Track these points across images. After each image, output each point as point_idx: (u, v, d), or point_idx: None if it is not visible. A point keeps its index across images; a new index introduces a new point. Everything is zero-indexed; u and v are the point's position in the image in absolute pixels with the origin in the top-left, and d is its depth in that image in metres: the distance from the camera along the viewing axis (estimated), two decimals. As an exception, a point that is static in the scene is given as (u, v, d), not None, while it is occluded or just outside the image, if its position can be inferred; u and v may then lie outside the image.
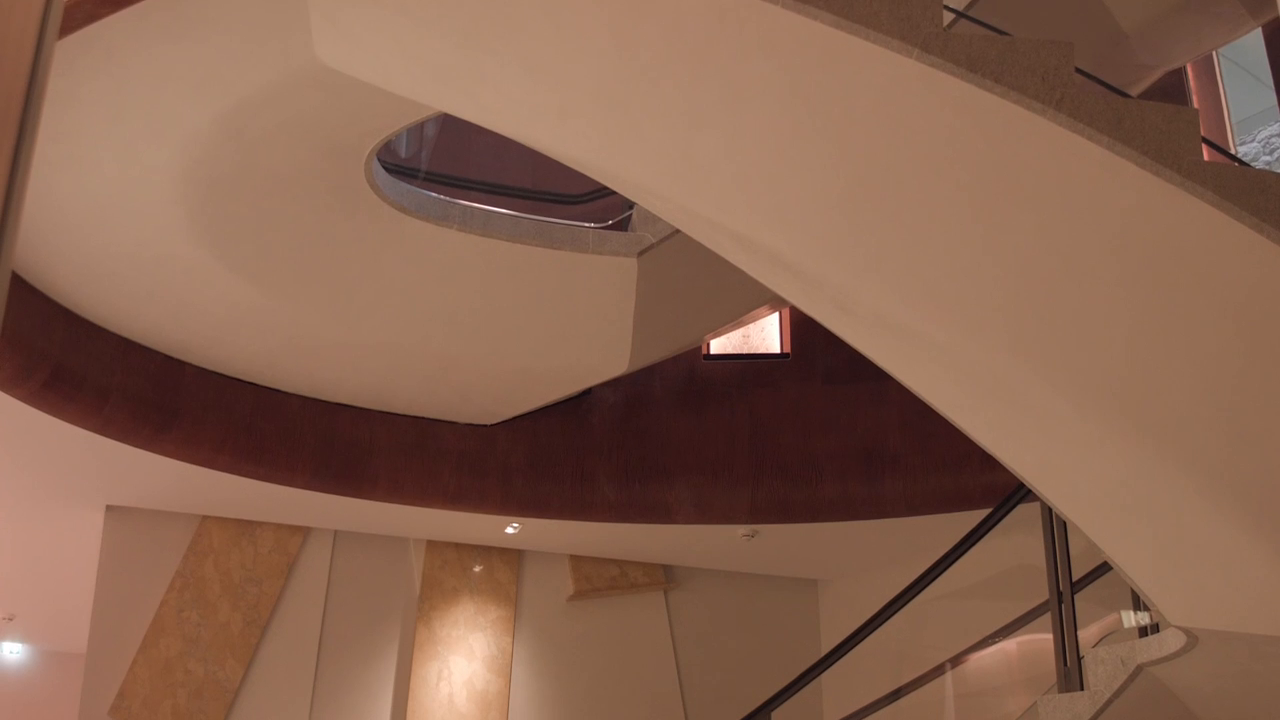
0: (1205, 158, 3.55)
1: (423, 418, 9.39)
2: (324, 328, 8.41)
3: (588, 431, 9.64)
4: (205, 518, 9.72)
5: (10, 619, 12.10)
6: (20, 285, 7.87)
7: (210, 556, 9.66)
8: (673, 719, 10.32)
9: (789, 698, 7.27)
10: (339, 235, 7.69)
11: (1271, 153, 9.52)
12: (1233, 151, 9.53)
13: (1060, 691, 6.23)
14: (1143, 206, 3.57)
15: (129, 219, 7.26)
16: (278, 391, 9.03)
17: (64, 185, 6.96)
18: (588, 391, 9.64)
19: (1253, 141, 9.82)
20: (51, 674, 12.79)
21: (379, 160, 7.42)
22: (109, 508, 9.59)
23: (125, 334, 8.44)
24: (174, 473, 8.93)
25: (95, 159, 6.74)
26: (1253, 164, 9.47)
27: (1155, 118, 3.50)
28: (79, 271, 7.81)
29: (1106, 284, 3.85)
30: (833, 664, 7.32)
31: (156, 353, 8.62)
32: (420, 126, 8.68)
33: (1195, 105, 9.41)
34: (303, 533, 9.93)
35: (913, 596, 7.07)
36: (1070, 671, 6.23)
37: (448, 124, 8.75)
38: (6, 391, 7.87)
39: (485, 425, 9.48)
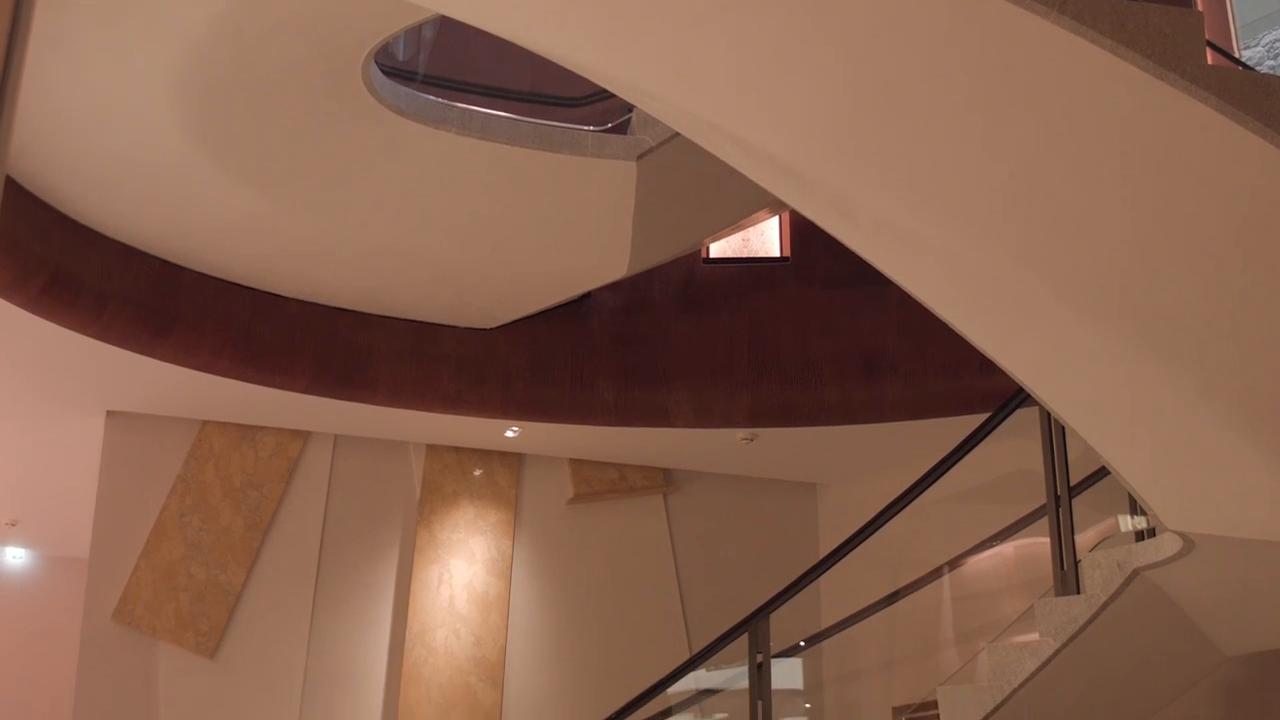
0: (1209, 62, 3.52)
1: (422, 322, 9.38)
2: (322, 232, 8.39)
3: (587, 335, 9.64)
4: (205, 422, 9.74)
5: (13, 525, 12.15)
6: (16, 191, 7.83)
7: (211, 461, 9.69)
8: (671, 621, 10.40)
9: (787, 600, 7.31)
10: (336, 138, 7.65)
11: (1276, 57, 9.45)
12: (1237, 56, 9.46)
13: (1057, 595, 6.27)
14: (1146, 111, 3.55)
15: (126, 123, 7.22)
16: (276, 296, 9.02)
17: (60, 89, 6.91)
18: (587, 296, 9.63)
19: (1257, 45, 9.74)
20: (55, 579, 12.87)
21: (376, 63, 7.36)
22: (109, 413, 9.61)
23: (123, 239, 8.42)
24: (173, 378, 8.93)
25: (91, 62, 6.69)
26: (1257, 68, 9.40)
27: (1159, 21, 3.46)
28: (76, 176, 7.78)
29: (1108, 188, 3.83)
30: (831, 567, 7.36)
31: (154, 258, 8.59)
32: (418, 29, 8.59)
33: (1200, 9, 9.32)
34: (303, 437, 9.95)
35: (911, 500, 7.10)
36: (1067, 575, 6.26)
37: (446, 26, 8.67)
38: (4, 298, 7.85)
39: (485, 329, 9.48)
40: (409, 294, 9.12)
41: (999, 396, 7.00)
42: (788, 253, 10.05)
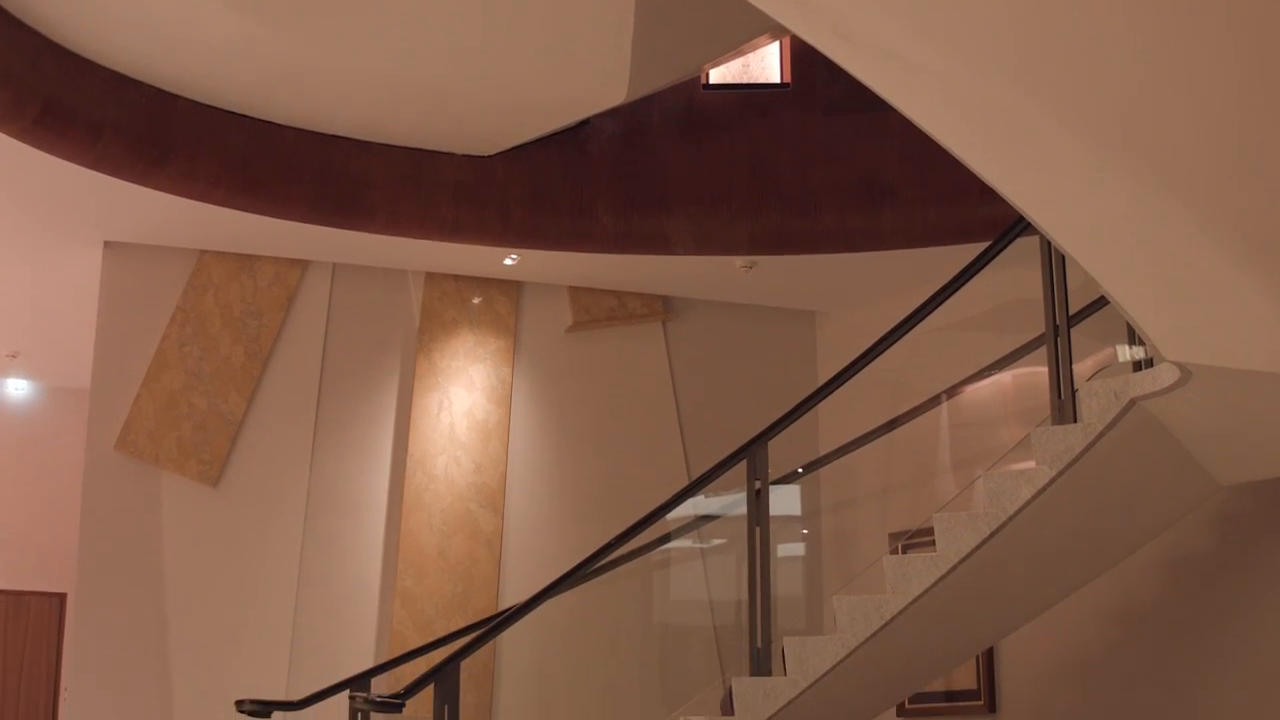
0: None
1: (420, 149, 9.30)
2: (318, 57, 8.29)
3: (586, 162, 9.56)
4: (203, 252, 9.70)
5: (14, 356, 12.16)
6: (6, 19, 7.73)
7: (210, 291, 9.67)
8: (670, 448, 10.46)
9: (785, 427, 7.34)
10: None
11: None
12: None
13: (1054, 424, 6.30)
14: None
15: (113, -53, 7.09)
16: (273, 124, 8.93)
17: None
18: (586, 122, 9.53)
19: None
20: (57, 410, 12.90)
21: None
22: (107, 244, 9.56)
23: (117, 68, 8.32)
24: (170, 207, 8.89)
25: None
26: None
27: None
28: (67, 2, 7.66)
29: (1111, 10, 3.77)
30: (829, 395, 7.37)
31: (149, 86, 8.50)
32: None
33: None
34: (301, 266, 9.92)
35: (910, 329, 7.09)
36: (1064, 404, 6.29)
37: None
38: (-2, 127, 7.80)
39: (483, 156, 9.40)
40: (406, 121, 9.03)
41: (999, 225, 6.97)
42: (788, 79, 9.93)
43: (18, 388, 12.98)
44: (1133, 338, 6.20)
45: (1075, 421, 6.21)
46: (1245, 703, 7.76)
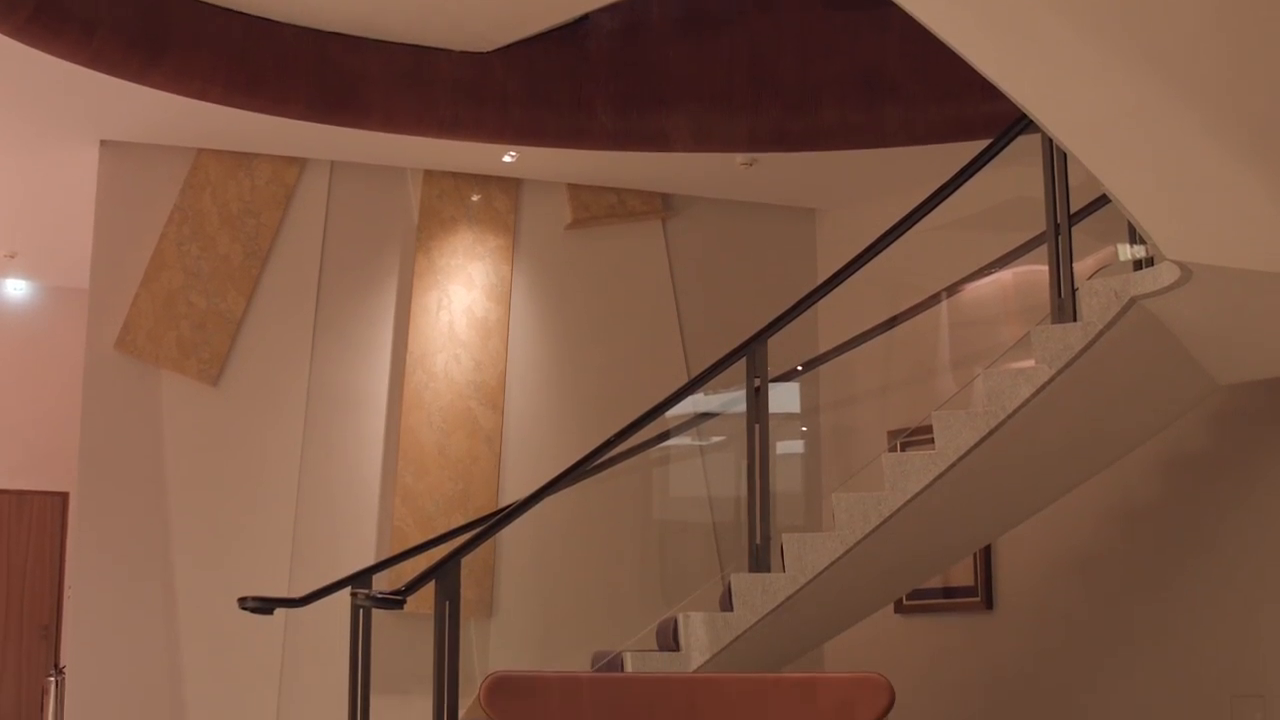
0: None
1: (418, 45, 9.21)
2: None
3: (585, 59, 9.48)
4: (200, 151, 9.64)
5: (11, 257, 12.13)
6: (-4, -88, 7.64)
7: (207, 189, 9.63)
8: (670, 346, 10.47)
9: (785, 325, 7.34)
10: None
11: None
12: None
13: (1054, 322, 6.30)
14: None
15: None
16: (269, 20, 8.84)
17: None
18: (585, 18, 9.44)
19: None
20: (56, 310, 12.88)
21: None
22: (103, 143, 9.50)
23: (108, -38, 8.24)
24: (166, 106, 8.83)
25: None
26: None
27: None
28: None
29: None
30: (829, 292, 7.37)
31: (142, -17, 8.42)
32: None
33: None
34: (299, 164, 9.87)
35: (910, 226, 7.08)
36: (1064, 303, 6.29)
37: None
38: (-9, 25, 7.73)
39: (482, 53, 9.32)
40: (404, 17, 8.94)
41: (1001, 122, 6.93)
42: (788, -27, 9.83)
43: (16, 288, 12.98)
44: (1133, 236, 6.18)
45: (1075, 320, 6.22)
46: (1240, 600, 7.83)
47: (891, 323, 8.44)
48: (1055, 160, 6.39)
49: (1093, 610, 8.62)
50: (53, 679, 11.58)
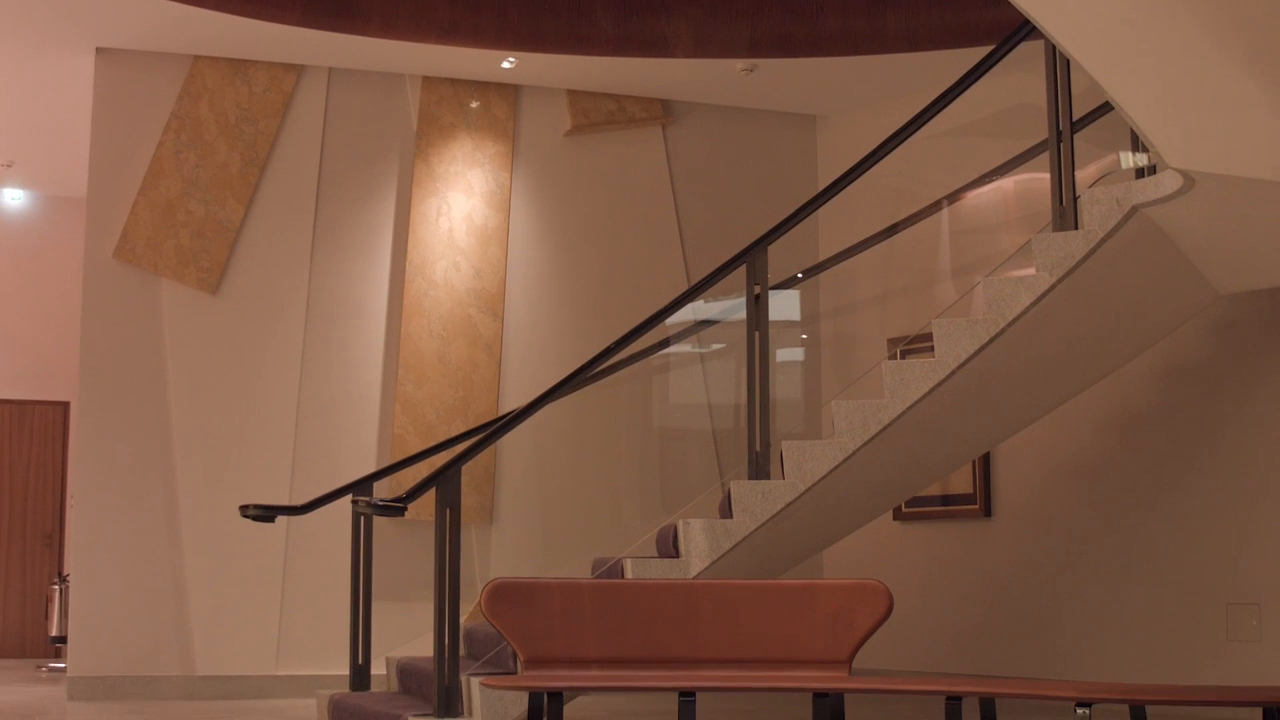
0: None
1: (415, -51, 9.15)
2: None
3: (584, -37, 9.41)
4: (197, 57, 9.57)
5: (9, 165, 12.07)
6: None
7: (204, 97, 9.56)
8: (669, 253, 10.45)
9: (785, 232, 7.31)
10: None
11: None
12: None
13: (1055, 230, 6.29)
14: None
15: None
16: (264, -76, 8.77)
17: None
18: (584, -79, 9.36)
19: None
20: (54, 219, 12.85)
21: None
22: (99, 50, 9.42)
23: None
24: (162, 10, 8.74)
25: None
26: None
27: None
28: None
29: None
30: (829, 199, 7.34)
31: (136, -114, 8.34)
32: None
33: None
34: (297, 71, 9.80)
35: (911, 133, 7.03)
36: (1066, 211, 6.26)
37: None
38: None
39: (479, -42, 9.25)
40: (400, -80, 8.87)
41: (1004, 28, 6.88)
42: (790, -125, 9.71)
43: (14, 197, 12.92)
44: (1136, 144, 6.15)
45: (1076, 228, 6.20)
46: (1237, 509, 7.87)
47: (892, 230, 8.41)
48: (1058, 67, 6.34)
49: (1090, 518, 8.67)
50: (56, 587, 11.67)
